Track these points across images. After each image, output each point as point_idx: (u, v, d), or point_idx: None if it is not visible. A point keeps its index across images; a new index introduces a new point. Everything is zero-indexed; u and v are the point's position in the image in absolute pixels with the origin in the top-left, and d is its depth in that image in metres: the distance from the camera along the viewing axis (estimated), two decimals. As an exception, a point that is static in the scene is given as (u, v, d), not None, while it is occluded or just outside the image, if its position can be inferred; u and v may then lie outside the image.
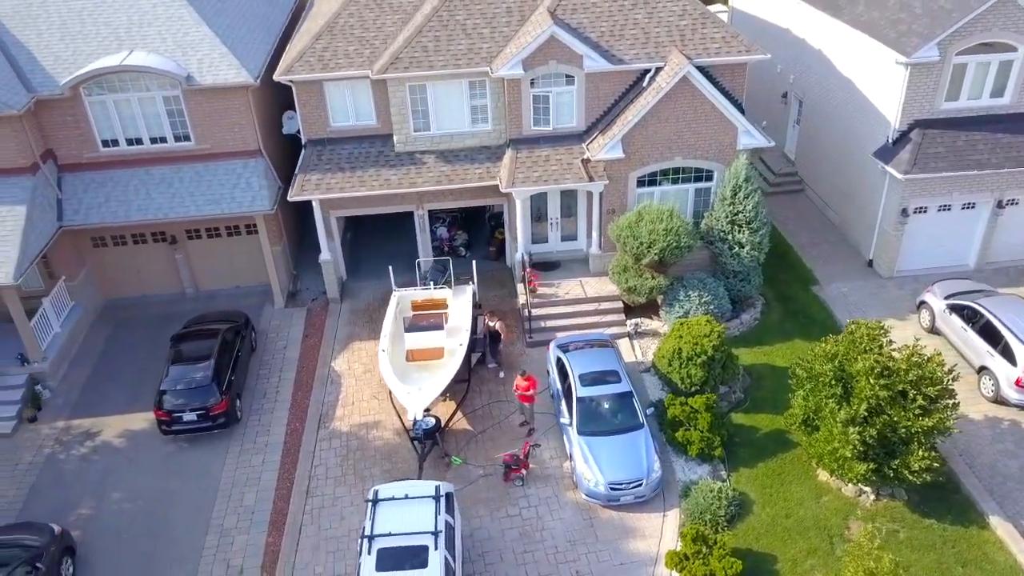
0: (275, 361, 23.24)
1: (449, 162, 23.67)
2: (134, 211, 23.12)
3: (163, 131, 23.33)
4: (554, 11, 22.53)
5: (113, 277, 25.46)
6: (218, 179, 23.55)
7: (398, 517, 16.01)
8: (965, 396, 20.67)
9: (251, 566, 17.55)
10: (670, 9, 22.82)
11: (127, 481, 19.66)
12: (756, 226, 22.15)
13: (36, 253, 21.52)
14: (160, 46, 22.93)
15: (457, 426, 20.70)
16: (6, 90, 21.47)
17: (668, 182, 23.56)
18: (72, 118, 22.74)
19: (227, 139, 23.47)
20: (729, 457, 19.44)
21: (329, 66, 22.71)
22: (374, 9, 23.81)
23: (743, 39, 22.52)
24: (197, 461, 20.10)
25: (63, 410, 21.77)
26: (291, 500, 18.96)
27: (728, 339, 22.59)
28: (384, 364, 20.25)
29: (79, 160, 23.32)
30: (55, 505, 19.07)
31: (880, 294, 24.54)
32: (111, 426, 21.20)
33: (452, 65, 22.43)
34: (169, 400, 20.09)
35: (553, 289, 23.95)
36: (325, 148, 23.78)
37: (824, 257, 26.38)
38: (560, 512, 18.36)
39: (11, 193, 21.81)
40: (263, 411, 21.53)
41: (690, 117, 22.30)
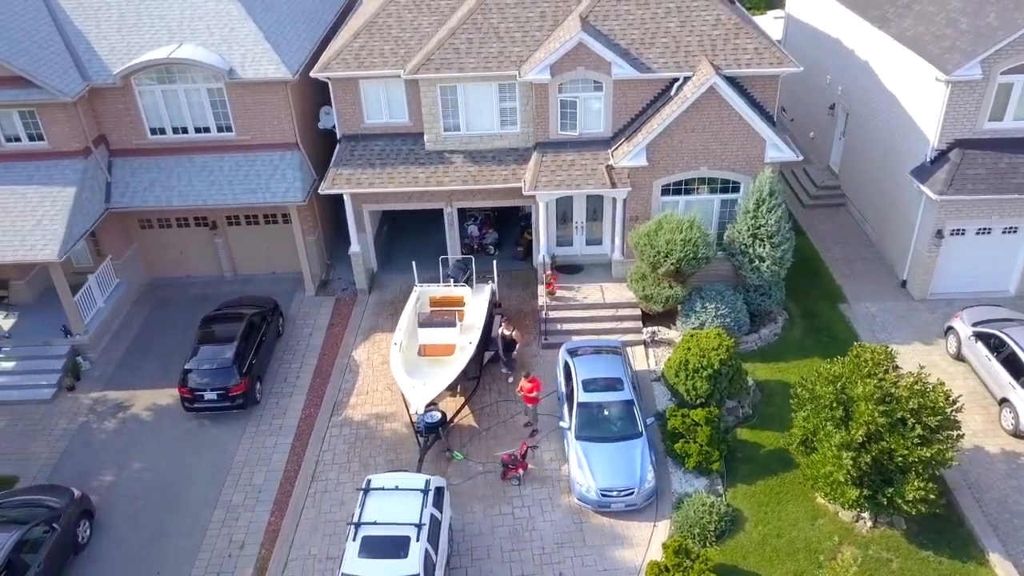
0: (300, 347, 24.12)
1: (476, 162, 24.09)
2: (175, 197, 24.29)
3: (207, 121, 24.41)
4: (586, 17, 22.66)
5: (157, 257, 26.80)
6: (255, 169, 24.53)
7: (386, 507, 16.56)
8: (984, 428, 20.18)
9: (252, 542, 18.40)
10: (704, 18, 22.68)
11: (149, 452, 20.80)
12: (778, 241, 21.88)
13: (82, 232, 22.86)
14: (208, 40, 23.99)
15: (463, 422, 21.17)
16: (63, 78, 22.82)
17: (696, 191, 23.46)
18: (123, 106, 24.01)
19: (266, 131, 24.42)
20: (729, 472, 19.38)
21: (364, 64, 23.37)
22: (412, 10, 24.36)
23: (775, 51, 22.22)
24: (215, 438, 21.12)
25: (99, 381, 23.11)
26: (296, 482, 19.76)
27: (745, 353, 22.60)
28: (395, 357, 20.85)
29: (129, 146, 24.63)
30: (82, 470, 20.34)
31: (909, 316, 23.93)
32: (141, 399, 22.42)
33: (482, 68, 22.80)
34: (193, 379, 21.14)
35: (572, 292, 24.15)
36: (358, 144, 24.50)
37: (856, 274, 25.82)
38: (552, 514, 18.65)
39: (63, 175, 23.20)
40: (282, 395, 22.42)
41: (716, 128, 22.16)
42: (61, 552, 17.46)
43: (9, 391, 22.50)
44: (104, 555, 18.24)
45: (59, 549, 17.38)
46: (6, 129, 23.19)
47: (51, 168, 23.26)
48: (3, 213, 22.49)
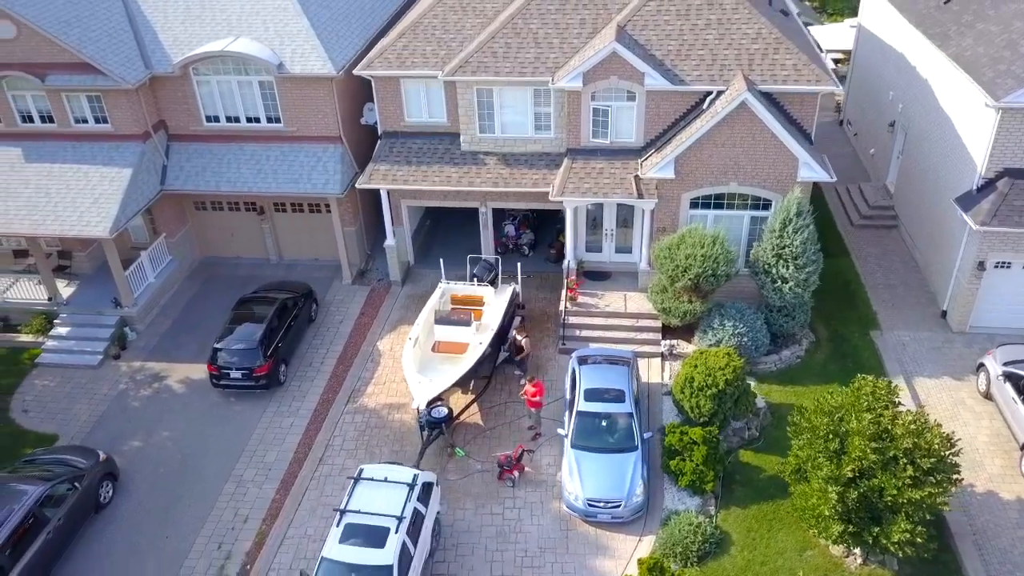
0: (329, 333, 25.10)
1: (509, 165, 24.45)
2: (224, 182, 25.59)
3: (257, 112, 25.59)
4: (624, 26, 22.64)
5: (210, 238, 28.29)
6: (299, 160, 25.57)
7: (372, 497, 17.24)
8: (1002, 472, 19.40)
9: (255, 517, 19.44)
10: (744, 32, 22.32)
11: (176, 423, 22.15)
12: (803, 263, 21.43)
13: (134, 212, 24.41)
14: (263, 34, 25.10)
15: (471, 420, 21.68)
16: (127, 66, 24.34)
17: (725, 206, 23.19)
18: (182, 94, 25.41)
19: (311, 124, 25.41)
20: (725, 494, 19.25)
21: (406, 64, 24.02)
22: (458, 11, 24.83)
23: (814, 68, 21.67)
24: (237, 415, 22.30)
25: (142, 352, 24.68)
26: (304, 464, 20.71)
27: (762, 374, 22.36)
28: (407, 351, 21.50)
29: (186, 132, 26.05)
30: (115, 434, 21.85)
31: (944, 349, 23.04)
32: (177, 372, 23.83)
33: (518, 73, 23.10)
34: (222, 357, 22.35)
35: (595, 299, 24.27)
36: (397, 141, 25.21)
37: (896, 301, 24.98)
38: (541, 519, 18.98)
39: (122, 157, 24.78)
40: (305, 378, 23.44)
41: (748, 144, 21.82)
42: (81, 509, 18.89)
43: (61, 355, 24.30)
44: (123, 516, 19.63)
45: (80, 506, 18.81)
46: (75, 111, 24.90)
47: (112, 150, 24.88)
48: (66, 190, 24.22)
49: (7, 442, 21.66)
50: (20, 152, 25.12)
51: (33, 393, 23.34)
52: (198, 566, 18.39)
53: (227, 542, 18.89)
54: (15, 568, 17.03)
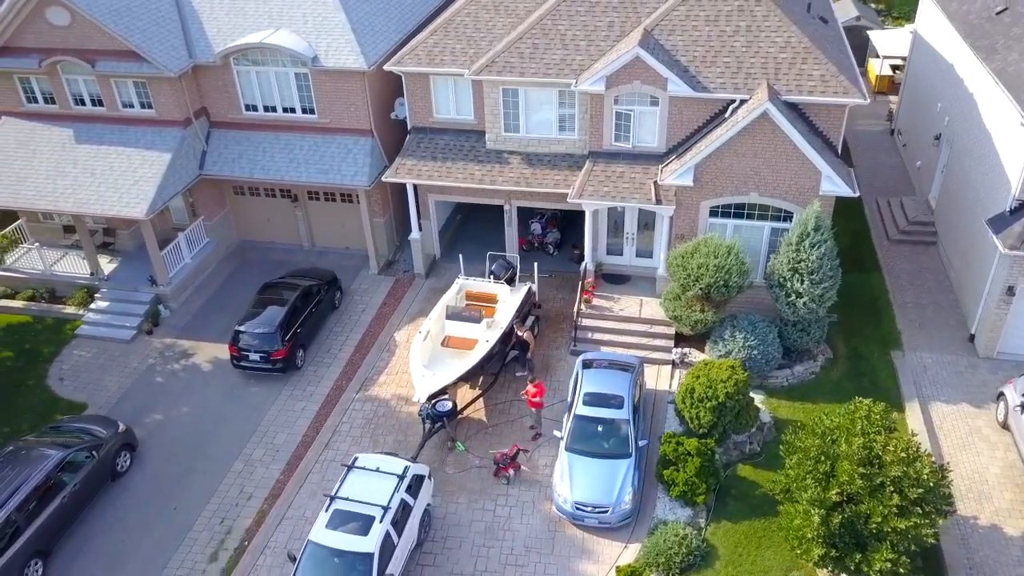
0: (350, 321, 25.77)
1: (532, 165, 24.61)
2: (258, 170, 26.46)
3: (293, 102, 26.34)
4: (651, 30, 22.51)
5: (247, 222, 29.28)
6: (331, 151, 26.24)
7: (363, 486, 17.79)
8: (1010, 507, 18.84)
9: (258, 496, 20.23)
10: (773, 40, 21.94)
11: (196, 400, 23.14)
12: (818, 278, 21.01)
13: (171, 195, 25.47)
14: (301, 27, 25.78)
15: (475, 416, 22.04)
16: (171, 55, 25.35)
17: (745, 216, 22.90)
18: (223, 83, 26.34)
19: (344, 116, 26.03)
20: (718, 507, 19.16)
21: (435, 61, 24.38)
22: (490, 10, 25.05)
23: (842, 80, 21.16)
24: (253, 396, 23.15)
25: (174, 329, 25.79)
26: (310, 448, 21.41)
27: (772, 389, 22.14)
28: (416, 343, 21.96)
29: (226, 119, 27.00)
30: (139, 406, 22.96)
31: (967, 374, 22.32)
32: (203, 351, 24.85)
33: (542, 74, 23.21)
34: (242, 339, 23.21)
35: (610, 303, 24.28)
36: (426, 136, 25.63)
37: (923, 320, 24.27)
38: (530, 518, 19.23)
39: (163, 141, 25.87)
40: (322, 364, 24.15)
41: (769, 155, 21.48)
42: (98, 477, 19.98)
43: (99, 328, 25.60)
44: (137, 485, 20.67)
45: (96, 474, 19.90)
46: (122, 96, 26.09)
47: (154, 134, 25.99)
48: (109, 171, 25.44)
49: (41, 408, 23.00)
50: (72, 133, 26.47)
51: (70, 362, 24.68)
52: (200, 538, 19.27)
53: (229, 518, 19.73)
54: (29, 528, 18.14)
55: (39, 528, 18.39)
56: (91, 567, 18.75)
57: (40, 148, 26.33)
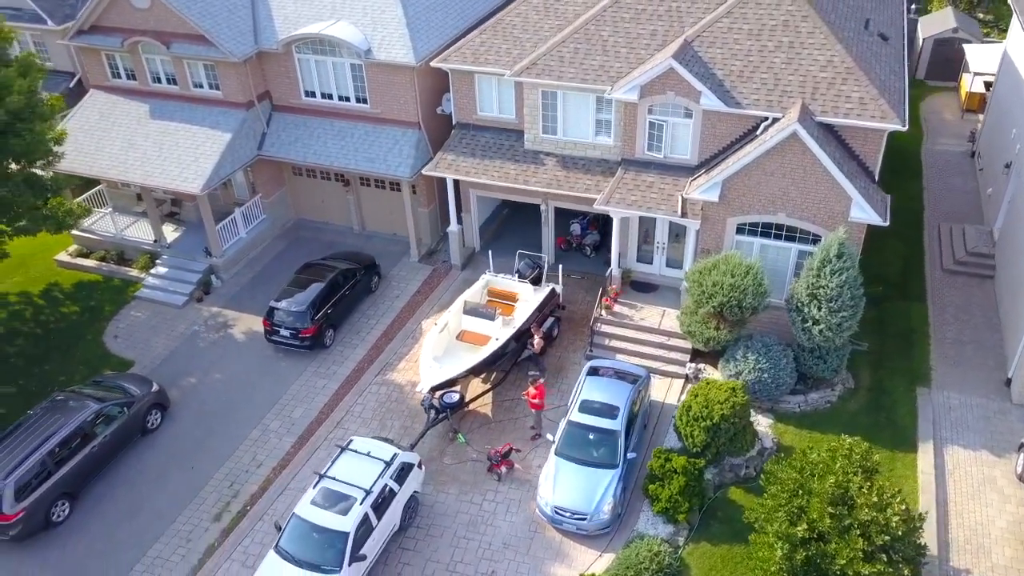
0: (383, 306, 26.78)
1: (566, 167, 24.82)
2: (311, 154, 27.72)
3: (348, 92, 27.41)
4: (691, 41, 22.27)
5: (304, 202, 30.72)
6: (379, 141, 27.20)
7: (351, 468, 18.74)
8: (1009, 564, 18.15)
9: (267, 464, 21.54)
10: (814, 58, 21.33)
11: (230, 367, 24.68)
12: (837, 306, 20.43)
13: (228, 173, 27.05)
14: (360, 19, 26.75)
15: (481, 410, 22.64)
16: (238, 40, 26.81)
17: (773, 236, 22.46)
18: (285, 69, 27.66)
19: (393, 108, 26.92)
20: (701, 528, 19.13)
21: (480, 60, 24.87)
22: (540, 12, 25.30)
23: (882, 104, 20.38)
24: (280, 369, 24.49)
25: (222, 299, 27.47)
26: (323, 425, 22.54)
27: (782, 414, 21.81)
28: (431, 335, 22.71)
29: (287, 103, 28.36)
30: (179, 369, 24.69)
31: (994, 420, 21.27)
32: (244, 323, 26.39)
33: (580, 79, 23.34)
34: (276, 315, 24.57)
35: (632, 312, 24.31)
36: (468, 132, 26.21)
37: (960, 359, 23.19)
38: (514, 516, 19.73)
39: (226, 121, 27.46)
40: (349, 345, 25.26)
41: (798, 176, 20.96)
42: (128, 431, 21.72)
43: (155, 292, 27.57)
44: (164, 442, 22.34)
45: (126, 429, 21.65)
46: (194, 77, 27.80)
47: (219, 114, 27.61)
48: (175, 146, 27.23)
49: (94, 361, 25.07)
50: (147, 108, 28.44)
51: (126, 322, 26.73)
52: (209, 498, 20.73)
53: (238, 482, 21.10)
54: (59, 472, 19.99)
55: (68, 472, 20.23)
56: (111, 513, 20.50)
57: (119, 121, 28.43)
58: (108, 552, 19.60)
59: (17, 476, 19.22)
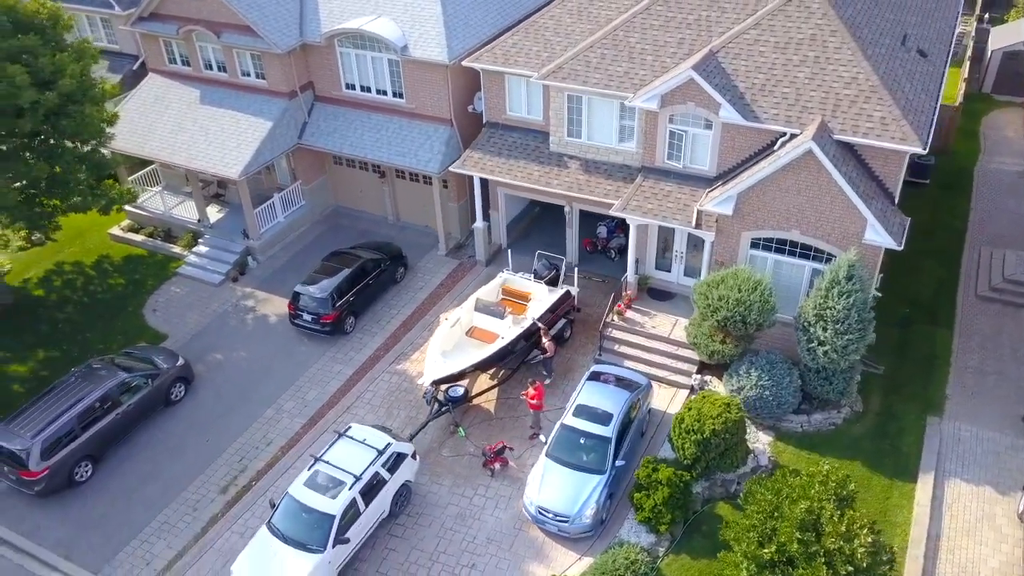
0: (406, 296, 27.52)
1: (589, 172, 24.99)
2: (347, 145, 28.59)
3: (385, 86, 28.14)
4: (716, 52, 22.12)
5: (343, 190, 31.69)
6: (412, 136, 27.86)
7: (346, 453, 19.53)
8: (994, 605, 17.57)
9: (276, 442, 22.55)
10: (839, 74, 20.93)
11: (254, 347, 25.82)
12: (843, 329, 20.14)
13: (267, 160, 28.16)
14: (400, 16, 27.40)
15: (485, 405, 23.16)
16: (283, 33, 27.82)
17: (787, 252, 22.21)
18: (327, 62, 28.55)
19: (427, 104, 27.51)
20: (683, 540, 19.26)
21: (510, 61, 25.20)
22: (574, 15, 25.46)
23: (903, 125, 19.89)
24: (300, 352, 25.50)
25: (255, 280, 28.68)
26: (333, 409, 23.44)
27: (783, 432, 21.67)
28: (441, 329, 23.30)
29: (328, 95, 29.29)
30: (207, 345, 25.96)
31: (1004, 456, 20.65)
32: (273, 304, 27.51)
33: (604, 85, 23.44)
34: (300, 300, 25.57)
35: (644, 319, 24.39)
36: (497, 131, 26.61)
37: (979, 390, 22.52)
38: (501, 512, 20.22)
39: (268, 110, 28.56)
40: (368, 333, 26.10)
41: (813, 194, 20.67)
42: (151, 402, 23.04)
43: (195, 269, 28.98)
44: (185, 414, 23.62)
45: (150, 399, 22.98)
46: (242, 65, 28.98)
47: (262, 103, 28.74)
48: (219, 131, 28.49)
49: (131, 332, 26.59)
50: (198, 94, 29.80)
51: (165, 297, 28.21)
52: (219, 472, 21.87)
53: (247, 458, 22.19)
54: (84, 435, 21.40)
55: (93, 436, 21.64)
56: (129, 476, 21.86)
57: (171, 104, 29.88)
58: (123, 513, 20.94)
59: (44, 436, 20.68)
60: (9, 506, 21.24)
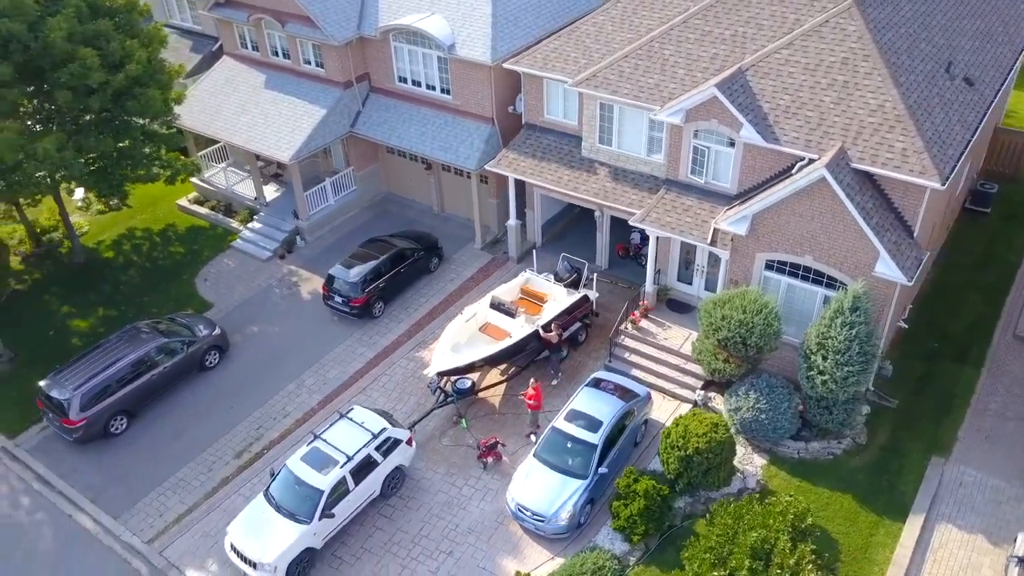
0: (436, 286, 28.53)
1: (616, 180, 25.25)
2: (394, 137, 29.71)
3: (435, 82, 29.05)
4: (744, 70, 21.99)
5: (395, 179, 32.90)
6: (454, 132, 28.71)
7: (344, 434, 20.73)
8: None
9: (292, 416, 24.01)
10: (865, 100, 20.51)
11: (288, 323, 27.39)
12: (843, 360, 19.88)
13: (318, 147, 29.58)
14: (452, 14, 28.19)
15: (492, 399, 23.96)
16: (342, 25, 29.07)
17: (800, 277, 21.99)
18: (382, 55, 29.68)
19: (472, 102, 28.28)
20: (658, 552, 19.56)
21: (547, 66, 25.66)
22: (616, 23, 25.66)
23: (924, 158, 19.37)
24: (329, 332, 26.90)
25: (301, 259, 30.27)
26: (349, 389, 24.72)
27: (778, 457, 21.58)
28: (455, 322, 24.18)
29: (383, 86, 30.45)
30: (246, 317, 27.69)
31: (1004, 507, 19.99)
32: (313, 284, 29.01)
33: (634, 96, 23.62)
34: (333, 282, 26.95)
35: (658, 329, 24.59)
36: (534, 133, 27.15)
37: (995, 434, 21.77)
38: (487, 505, 21.04)
39: (323, 98, 29.96)
40: (395, 319, 27.26)
41: (827, 221, 20.41)
42: (186, 366, 24.87)
43: (247, 244, 30.81)
44: (216, 380, 25.38)
45: (185, 364, 24.80)
46: (304, 54, 30.47)
47: (320, 91, 30.16)
48: (278, 116, 30.10)
49: (182, 299, 28.62)
50: (264, 79, 31.52)
51: (217, 268, 30.15)
52: (237, 437, 23.50)
53: (264, 427, 23.74)
54: (120, 391, 23.37)
55: (129, 393, 23.59)
56: (159, 433, 23.76)
57: (239, 87, 31.71)
58: (148, 466, 22.84)
59: (84, 390, 22.74)
60: (52, 448, 23.47)
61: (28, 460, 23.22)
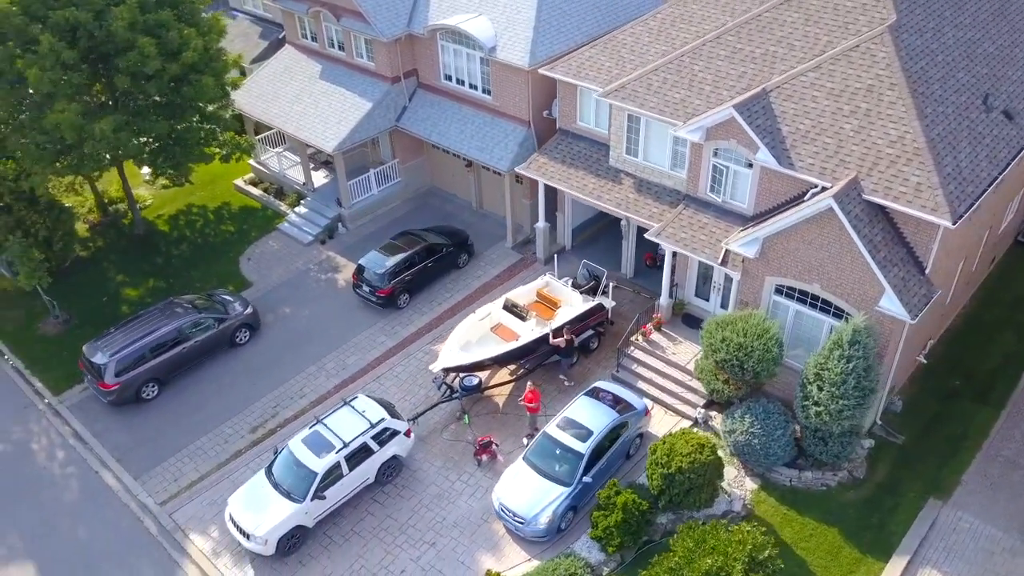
0: (462, 282, 29.26)
1: (640, 191, 25.35)
2: (435, 133, 30.47)
3: (477, 82, 29.63)
4: (769, 91, 21.76)
5: (439, 173, 33.73)
6: (492, 132, 29.25)
7: (343, 421, 21.75)
8: None
9: (308, 397, 25.21)
10: (886, 131, 20.04)
11: (319, 307, 28.63)
12: (839, 393, 19.65)
13: (362, 139, 30.63)
14: (498, 16, 28.66)
15: (497, 398, 24.59)
16: (392, 22, 29.91)
17: (809, 304, 21.73)
18: (429, 52, 30.42)
19: (510, 104, 28.76)
20: (633, 565, 19.88)
21: (580, 74, 25.88)
22: (653, 35, 25.63)
23: (936, 194, 18.84)
24: (355, 319, 28.00)
25: (340, 246, 31.48)
26: (365, 375, 25.77)
27: (770, 483, 21.51)
28: (467, 320, 24.85)
29: (429, 83, 31.23)
30: (281, 298, 29.08)
31: (997, 558, 19.45)
32: (348, 271, 30.13)
33: (659, 110, 23.65)
34: (363, 271, 28.01)
35: (668, 343, 24.67)
36: (567, 139, 27.44)
37: (1001, 482, 21.13)
38: (476, 502, 21.73)
39: (371, 91, 30.96)
40: (418, 311, 28.14)
41: (835, 251, 20.12)
42: (217, 341, 26.34)
43: (291, 227, 32.22)
44: (244, 356, 26.84)
45: (215, 339, 26.28)
46: (357, 48, 31.50)
47: (369, 84, 31.17)
48: (328, 106, 31.28)
49: (224, 276, 30.22)
50: (319, 69, 32.75)
51: (261, 248, 31.67)
52: (255, 413, 24.87)
53: (281, 406, 25.03)
54: (153, 360, 25.01)
55: (161, 363, 25.24)
56: (186, 403, 25.35)
57: (296, 75, 33.05)
58: (172, 432, 24.44)
59: (119, 356, 24.48)
60: (90, 408, 25.36)
61: (68, 416, 25.16)
